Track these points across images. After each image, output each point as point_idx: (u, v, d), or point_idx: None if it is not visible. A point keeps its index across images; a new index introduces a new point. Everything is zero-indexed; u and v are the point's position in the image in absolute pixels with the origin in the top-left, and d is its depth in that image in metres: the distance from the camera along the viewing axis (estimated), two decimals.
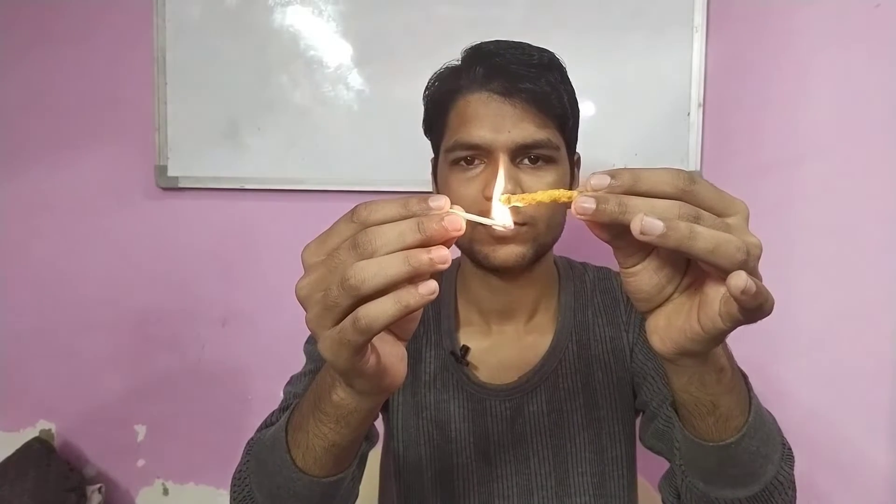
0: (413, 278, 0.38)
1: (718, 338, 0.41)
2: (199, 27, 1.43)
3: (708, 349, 0.44)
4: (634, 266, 0.43)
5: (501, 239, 0.74)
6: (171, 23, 1.42)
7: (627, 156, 1.35)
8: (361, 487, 0.64)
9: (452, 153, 0.76)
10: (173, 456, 1.54)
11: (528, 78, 0.73)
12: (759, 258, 0.39)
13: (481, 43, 0.78)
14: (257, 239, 1.48)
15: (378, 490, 0.92)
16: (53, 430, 1.54)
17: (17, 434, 1.54)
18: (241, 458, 0.64)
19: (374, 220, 0.39)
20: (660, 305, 0.44)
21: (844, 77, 1.30)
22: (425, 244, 0.38)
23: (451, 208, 0.39)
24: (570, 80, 0.79)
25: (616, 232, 0.40)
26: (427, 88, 0.82)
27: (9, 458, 1.43)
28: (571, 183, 0.81)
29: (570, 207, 0.39)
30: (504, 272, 0.78)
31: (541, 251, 0.77)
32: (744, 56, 1.35)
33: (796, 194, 1.33)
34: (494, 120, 0.73)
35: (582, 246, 0.98)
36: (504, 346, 0.83)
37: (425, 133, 0.84)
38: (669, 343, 0.44)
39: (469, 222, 0.38)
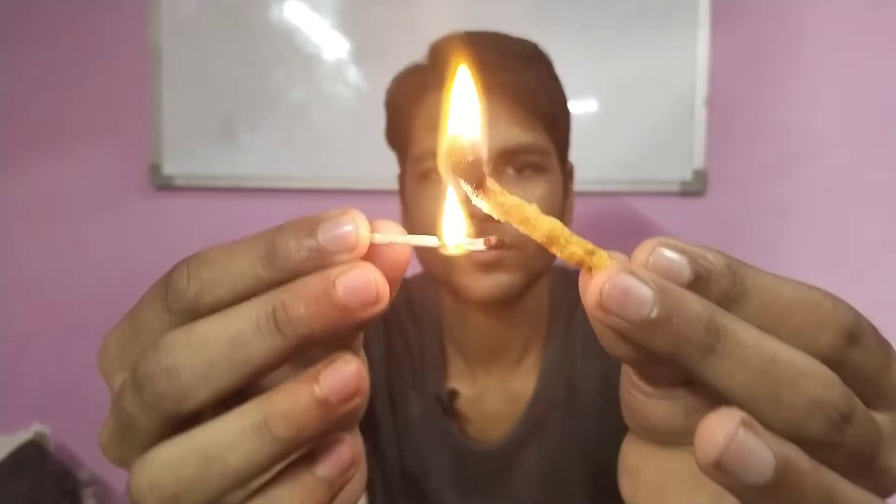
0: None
1: None
2: (194, 23, 1.40)
3: None
4: (655, 388, 0.24)
5: (485, 266, 0.61)
6: (166, 19, 1.40)
7: (632, 154, 1.33)
8: None
9: (420, 164, 0.65)
10: None
11: (510, 70, 0.62)
12: None
13: (452, 33, 0.68)
14: None
15: None
16: (47, 433, 1.52)
17: (10, 437, 1.51)
18: None
19: (205, 304, 0.20)
20: (662, 445, 0.26)
21: (853, 73, 1.28)
22: (305, 348, 0.20)
23: (373, 235, 0.20)
24: (563, 78, 0.69)
25: (647, 356, 0.21)
26: (387, 93, 0.71)
27: (2, 462, 1.41)
28: (564, 199, 0.70)
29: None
30: (489, 307, 0.66)
31: (531, 279, 0.65)
32: (749, 52, 1.32)
33: (803, 193, 1.31)
34: None
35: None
36: (489, 395, 0.73)
37: (389, 144, 0.73)
38: None
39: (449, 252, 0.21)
